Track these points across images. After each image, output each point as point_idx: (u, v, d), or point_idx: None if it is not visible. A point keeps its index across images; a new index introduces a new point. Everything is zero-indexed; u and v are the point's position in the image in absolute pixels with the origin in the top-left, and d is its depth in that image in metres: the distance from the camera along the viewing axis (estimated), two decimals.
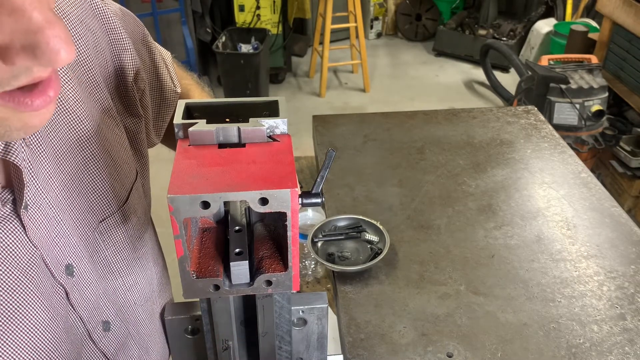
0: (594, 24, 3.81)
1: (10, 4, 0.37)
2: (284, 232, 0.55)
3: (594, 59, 2.93)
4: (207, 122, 0.58)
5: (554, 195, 1.18)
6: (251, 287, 0.58)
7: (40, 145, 0.60)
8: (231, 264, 0.57)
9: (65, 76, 0.66)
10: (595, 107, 2.71)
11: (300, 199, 0.60)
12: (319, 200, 0.61)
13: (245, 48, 3.96)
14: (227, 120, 0.61)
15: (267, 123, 0.59)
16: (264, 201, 0.51)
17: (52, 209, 0.61)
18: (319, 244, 1.04)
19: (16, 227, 0.57)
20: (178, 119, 0.59)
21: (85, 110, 0.67)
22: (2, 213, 0.56)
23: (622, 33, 2.82)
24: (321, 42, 4.20)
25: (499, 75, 4.25)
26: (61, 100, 0.65)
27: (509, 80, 4.18)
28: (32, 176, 0.58)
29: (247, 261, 0.57)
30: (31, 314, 0.59)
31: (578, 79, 2.74)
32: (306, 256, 1.39)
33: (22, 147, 0.56)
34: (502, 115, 1.48)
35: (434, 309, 0.92)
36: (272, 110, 0.62)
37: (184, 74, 0.99)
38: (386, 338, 0.87)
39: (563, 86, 2.69)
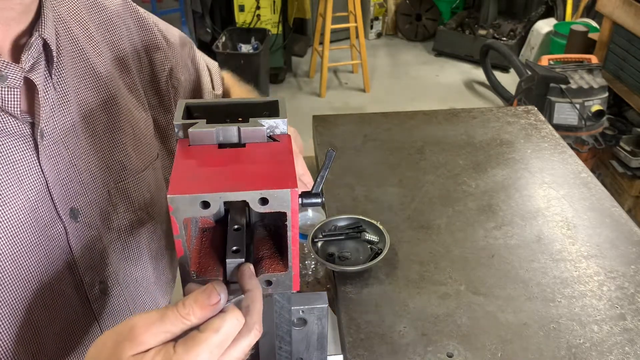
0: (594, 24, 3.81)
1: None
2: (284, 232, 0.55)
3: (594, 59, 2.92)
4: (207, 122, 0.58)
5: (554, 195, 1.18)
6: None
7: (68, 92, 0.67)
8: (227, 261, 0.57)
9: (102, 52, 0.75)
10: (595, 107, 2.70)
11: (300, 199, 0.60)
12: (319, 200, 0.61)
13: (245, 48, 3.96)
14: (227, 120, 0.61)
15: (267, 123, 0.59)
16: (264, 201, 0.51)
17: (68, 150, 0.67)
18: (319, 244, 1.04)
19: (29, 147, 0.62)
20: (178, 119, 0.59)
21: (113, 82, 0.75)
22: (19, 129, 0.61)
23: (622, 33, 2.81)
24: (321, 42, 4.20)
25: (499, 75, 4.24)
26: (93, 68, 0.73)
27: (509, 80, 4.18)
28: (52, 112, 0.65)
29: (243, 259, 0.57)
30: (19, 227, 0.61)
31: (578, 79, 2.74)
32: (306, 256, 1.39)
33: (50, 86, 0.64)
34: (502, 115, 1.48)
35: (434, 309, 0.92)
36: (272, 110, 0.62)
37: (238, 83, 1.08)
38: (386, 338, 0.87)
39: (563, 86, 2.69)
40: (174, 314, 0.47)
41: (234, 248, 0.58)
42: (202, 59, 1.00)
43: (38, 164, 0.63)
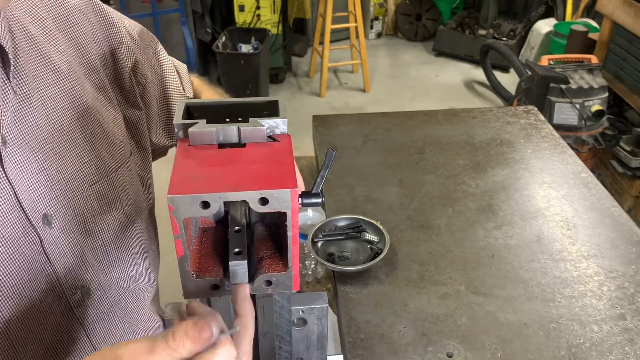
0: (594, 24, 3.81)
1: None
2: (284, 232, 0.55)
3: (594, 59, 2.92)
4: (207, 122, 0.58)
5: (554, 195, 1.18)
6: (251, 287, 0.58)
7: (31, 94, 0.65)
8: (230, 263, 0.57)
9: (63, 50, 0.72)
10: (595, 107, 2.70)
11: (300, 199, 0.60)
12: (319, 200, 0.61)
13: (245, 48, 3.96)
14: (227, 120, 0.61)
15: (267, 123, 0.59)
16: (264, 201, 0.51)
17: (35, 155, 0.64)
18: (319, 244, 1.04)
19: None
20: (178, 119, 0.59)
21: (78, 80, 0.73)
22: None
23: (622, 33, 2.81)
24: (321, 42, 4.20)
25: (499, 75, 4.24)
26: (55, 67, 0.70)
27: (509, 80, 4.18)
28: (14, 115, 0.62)
29: (246, 261, 0.57)
30: None
31: (578, 79, 2.74)
32: (306, 256, 1.39)
33: (8, 90, 0.61)
34: (502, 115, 1.47)
35: (434, 309, 0.92)
36: (272, 110, 0.62)
37: (206, 86, 1.06)
38: (386, 338, 0.87)
39: (563, 86, 2.69)
40: (163, 346, 0.46)
41: (236, 250, 0.58)
42: (169, 59, 0.97)
43: (3, 172, 0.61)
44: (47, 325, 0.68)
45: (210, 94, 1.05)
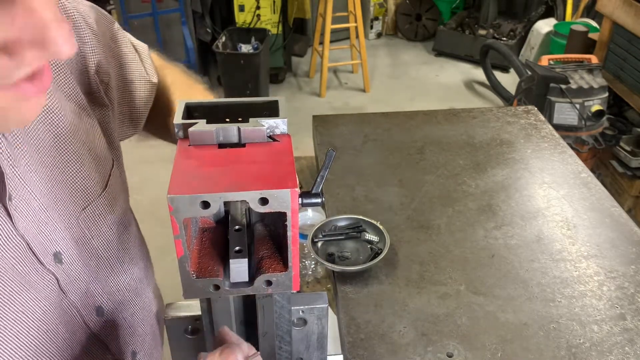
0: (594, 24, 3.81)
1: (23, 2, 0.40)
2: (284, 232, 0.55)
3: (594, 59, 2.92)
4: (207, 122, 0.58)
5: (554, 195, 1.18)
6: (251, 287, 0.58)
7: (19, 137, 0.62)
8: (230, 261, 0.57)
9: None
10: (595, 107, 2.71)
11: (300, 199, 0.60)
12: (319, 200, 0.61)
13: (245, 48, 3.96)
14: (227, 120, 0.62)
15: (267, 123, 0.59)
16: (264, 201, 0.51)
17: (36, 199, 0.63)
18: (319, 244, 1.04)
19: (3, 217, 0.58)
20: (178, 119, 0.59)
21: (57, 101, 0.70)
22: None
23: (622, 33, 2.81)
24: (321, 42, 4.20)
25: (499, 75, 4.25)
26: None
27: (509, 80, 4.18)
28: (12, 167, 0.60)
29: (247, 259, 0.57)
30: (20, 305, 0.60)
31: (578, 79, 2.74)
32: (306, 256, 1.39)
33: (1, 140, 0.59)
34: (502, 115, 1.47)
35: (434, 309, 0.92)
36: (272, 110, 0.62)
37: (168, 65, 1.01)
38: (386, 338, 0.87)
39: (563, 86, 2.69)
40: None
41: (237, 248, 0.58)
42: (128, 40, 0.90)
43: (13, 227, 0.59)
44: (74, 353, 0.69)
45: (174, 73, 1.00)
